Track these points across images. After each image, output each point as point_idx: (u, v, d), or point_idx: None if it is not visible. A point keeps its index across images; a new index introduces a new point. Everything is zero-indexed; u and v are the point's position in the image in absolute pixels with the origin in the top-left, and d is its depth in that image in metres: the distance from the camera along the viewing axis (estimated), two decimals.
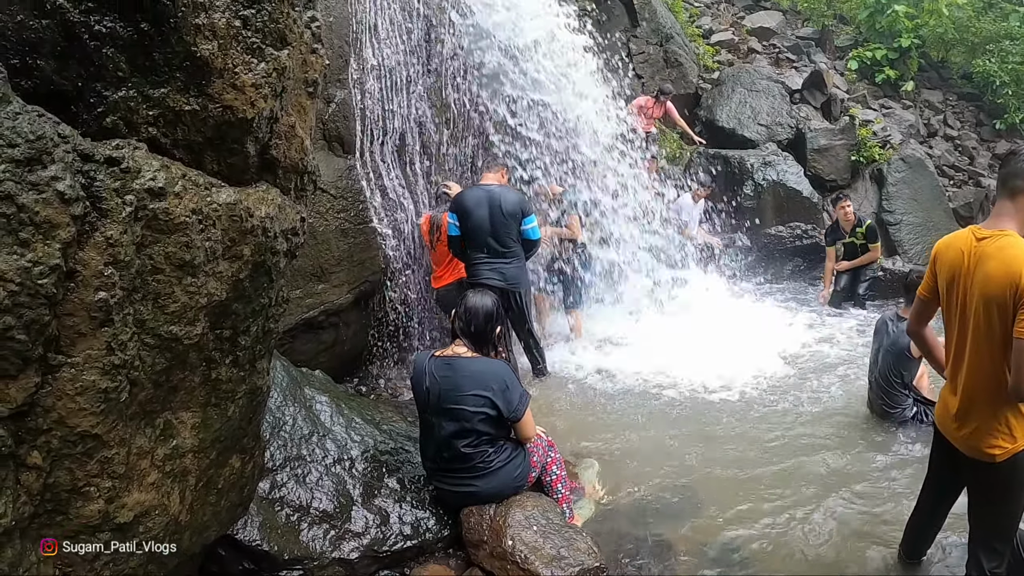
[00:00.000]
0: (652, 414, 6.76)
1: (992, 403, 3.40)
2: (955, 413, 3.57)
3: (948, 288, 3.57)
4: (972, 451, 3.52)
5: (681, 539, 4.77)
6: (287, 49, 2.82)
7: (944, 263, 3.58)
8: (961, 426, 3.54)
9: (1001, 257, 3.25)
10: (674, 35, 13.89)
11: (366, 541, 4.30)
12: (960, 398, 3.54)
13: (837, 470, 5.54)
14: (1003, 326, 3.26)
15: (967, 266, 3.42)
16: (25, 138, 2.05)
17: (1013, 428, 3.39)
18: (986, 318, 3.32)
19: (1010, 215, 3.36)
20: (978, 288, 3.34)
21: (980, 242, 3.38)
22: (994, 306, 3.27)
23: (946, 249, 3.60)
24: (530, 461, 4.64)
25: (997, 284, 3.24)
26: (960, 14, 16.77)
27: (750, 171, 12.32)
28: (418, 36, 7.48)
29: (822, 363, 8.07)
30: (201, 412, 2.91)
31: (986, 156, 15.66)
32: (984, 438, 3.44)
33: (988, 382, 3.40)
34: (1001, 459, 3.42)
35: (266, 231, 2.86)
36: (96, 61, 2.29)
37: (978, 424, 3.46)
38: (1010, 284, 3.18)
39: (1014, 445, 3.40)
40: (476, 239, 6.72)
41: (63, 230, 2.13)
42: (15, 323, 2.06)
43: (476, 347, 4.56)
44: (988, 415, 3.42)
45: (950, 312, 3.59)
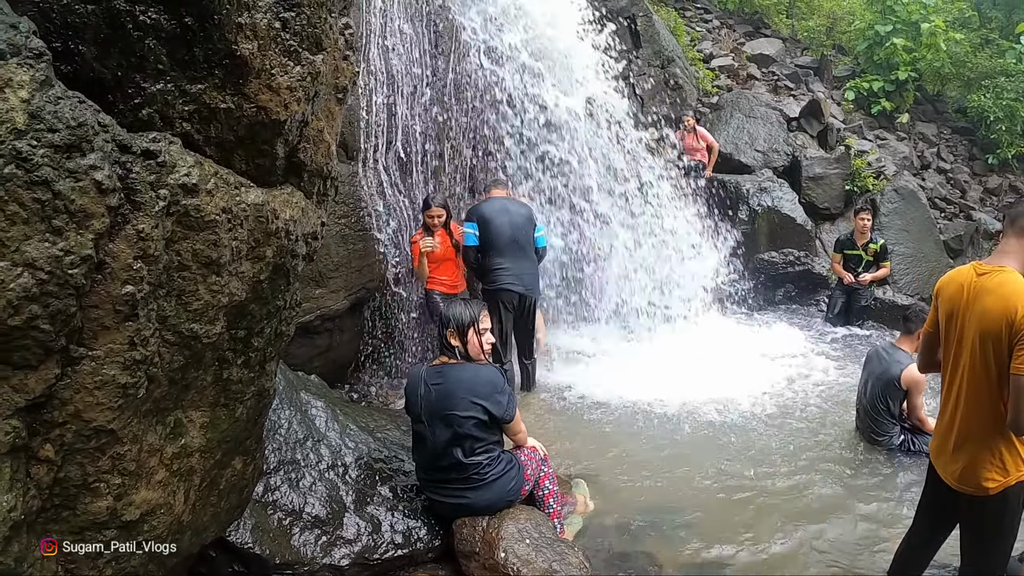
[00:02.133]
0: (641, 433, 6.75)
1: (986, 437, 3.42)
2: (950, 446, 3.58)
3: (947, 322, 3.60)
4: (965, 485, 3.53)
5: (669, 557, 4.78)
6: (322, 54, 2.81)
7: (945, 298, 3.62)
8: (955, 459, 3.56)
9: (999, 293, 3.28)
10: (675, 58, 13.95)
11: (357, 548, 4.27)
12: (955, 432, 3.55)
13: (825, 495, 5.55)
14: (998, 361, 3.29)
15: (965, 301, 3.45)
16: (66, 124, 2.03)
17: (1006, 462, 3.42)
18: (982, 353, 3.35)
19: (1014, 253, 3.40)
20: (975, 323, 3.37)
21: (980, 277, 3.41)
22: (990, 341, 3.30)
23: (948, 284, 3.63)
24: (524, 475, 4.63)
25: (993, 319, 3.27)
26: (957, 49, 16.94)
27: (745, 196, 12.35)
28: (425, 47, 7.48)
29: (812, 388, 8.05)
30: (210, 412, 2.90)
31: (978, 190, 15.79)
32: (977, 471, 3.46)
33: (982, 416, 3.42)
34: (994, 492, 3.44)
35: (288, 234, 2.85)
36: (138, 52, 2.28)
37: (971, 457, 3.48)
38: (1006, 320, 3.21)
39: (1006, 479, 3.42)
40: (498, 244, 6.93)
41: (97, 220, 2.11)
42: (41, 312, 2.04)
43: (454, 354, 4.59)
44: (982, 448, 3.44)
45: (947, 346, 3.62)
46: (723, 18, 18.75)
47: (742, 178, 12.73)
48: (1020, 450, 3.43)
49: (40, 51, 2.02)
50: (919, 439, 6.09)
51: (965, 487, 3.55)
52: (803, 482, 5.75)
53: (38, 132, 1.98)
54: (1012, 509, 3.51)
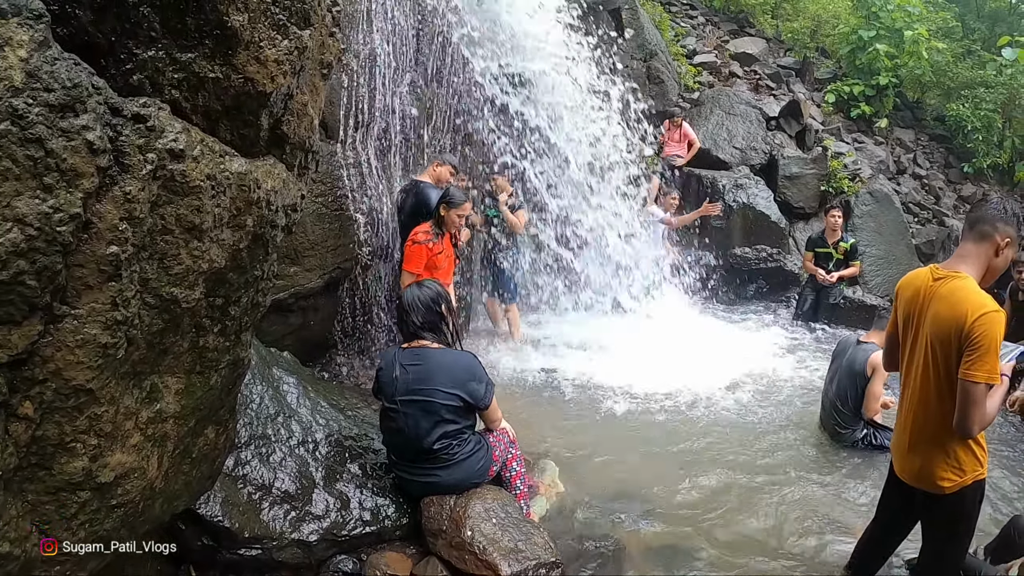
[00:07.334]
0: (608, 419, 6.86)
1: (940, 437, 3.50)
2: (906, 445, 3.67)
3: (904, 324, 3.68)
4: (922, 483, 3.62)
5: (632, 540, 4.87)
6: (309, 29, 2.84)
7: (903, 300, 3.70)
8: (911, 458, 3.64)
9: (951, 299, 3.35)
10: (658, 52, 14.04)
11: (326, 524, 4.30)
12: (910, 431, 3.63)
13: (787, 487, 5.64)
14: (948, 365, 3.37)
15: (920, 304, 3.54)
16: (62, 84, 2.06)
17: (962, 462, 3.49)
18: (933, 356, 3.43)
19: (972, 258, 3.47)
20: (928, 327, 3.45)
21: (935, 282, 3.49)
22: (940, 346, 3.38)
23: (906, 287, 3.71)
24: (492, 455, 4.68)
25: (944, 325, 3.35)
26: (939, 58, 17.16)
27: (721, 191, 12.49)
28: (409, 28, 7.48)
29: (778, 380, 8.19)
30: (186, 378, 2.91)
31: (952, 197, 16.01)
32: (933, 470, 3.53)
33: (936, 417, 3.49)
34: (950, 491, 3.52)
35: (269, 204, 2.88)
36: (132, 18, 2.30)
37: (926, 457, 3.56)
38: (956, 326, 3.29)
39: (962, 478, 3.50)
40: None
41: (87, 180, 2.14)
42: (28, 268, 2.06)
43: (436, 337, 4.61)
44: (936, 448, 3.52)
45: (904, 347, 3.70)
46: (708, 15, 18.88)
47: (719, 174, 12.88)
48: (976, 450, 3.51)
49: (40, 12, 2.04)
50: (881, 433, 6.21)
51: (921, 485, 3.63)
52: (767, 474, 5.85)
53: (34, 91, 2.01)
54: (968, 507, 3.59)
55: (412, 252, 6.61)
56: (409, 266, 6.57)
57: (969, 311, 3.25)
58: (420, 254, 6.58)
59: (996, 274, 3.52)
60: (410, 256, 6.62)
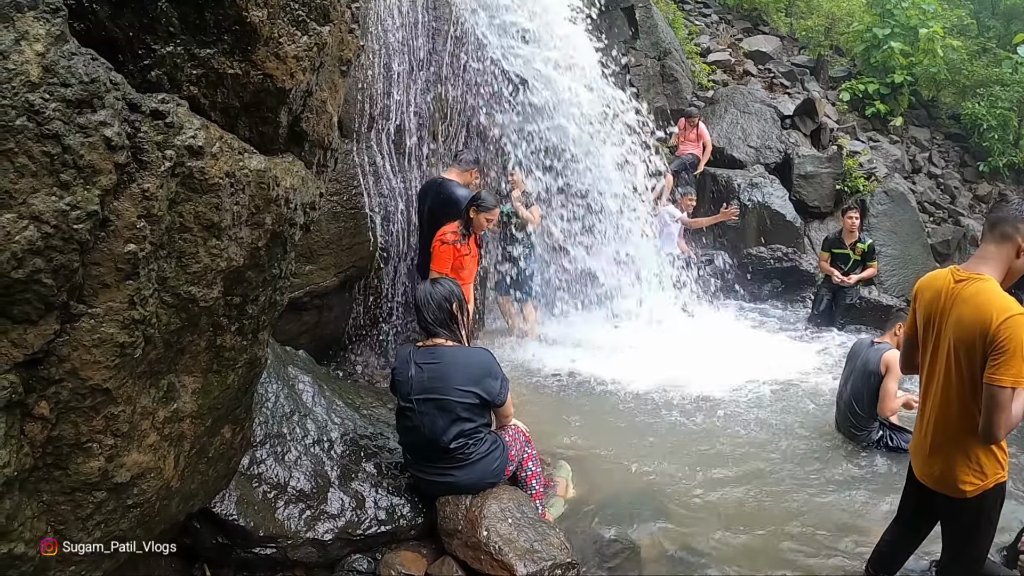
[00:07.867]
0: (622, 419, 6.80)
1: (961, 441, 3.46)
2: (927, 448, 3.62)
3: (925, 327, 3.63)
4: (942, 487, 3.58)
5: (649, 541, 4.82)
6: (329, 26, 2.83)
7: (923, 302, 3.64)
8: (931, 461, 3.60)
9: (975, 302, 3.31)
10: (672, 50, 13.99)
11: (341, 523, 4.28)
12: (931, 434, 3.59)
13: (804, 489, 5.59)
14: (972, 369, 3.32)
15: (942, 307, 3.48)
16: (79, 79, 2.04)
17: (983, 465, 3.45)
18: (956, 360, 3.39)
19: (993, 259, 3.42)
20: (951, 330, 3.40)
21: (957, 284, 3.44)
22: (963, 349, 3.33)
23: (926, 288, 3.65)
24: (508, 455, 4.65)
25: (968, 329, 3.30)
26: (954, 56, 17.05)
27: (736, 191, 12.45)
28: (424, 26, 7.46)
29: (794, 382, 8.11)
30: (203, 378, 2.90)
31: (967, 196, 15.92)
32: (954, 474, 3.49)
33: (957, 421, 3.45)
34: (971, 495, 3.48)
35: (288, 202, 2.86)
36: (150, 13, 2.28)
37: (947, 460, 3.51)
38: (980, 330, 3.24)
39: (984, 482, 3.46)
40: None
41: (105, 177, 2.12)
42: (44, 267, 2.04)
43: (450, 334, 4.59)
44: (957, 452, 3.48)
45: (925, 350, 3.65)
46: (722, 13, 18.81)
47: (734, 173, 12.84)
48: (997, 453, 3.47)
49: (56, 6, 2.02)
50: (898, 435, 6.14)
51: (942, 489, 3.59)
52: (783, 476, 5.79)
53: (51, 86, 1.99)
54: (989, 511, 3.55)
55: (440, 252, 6.60)
56: (436, 265, 6.56)
57: (995, 314, 3.20)
58: (448, 254, 6.58)
59: (1017, 275, 3.48)
60: (438, 256, 6.61)
